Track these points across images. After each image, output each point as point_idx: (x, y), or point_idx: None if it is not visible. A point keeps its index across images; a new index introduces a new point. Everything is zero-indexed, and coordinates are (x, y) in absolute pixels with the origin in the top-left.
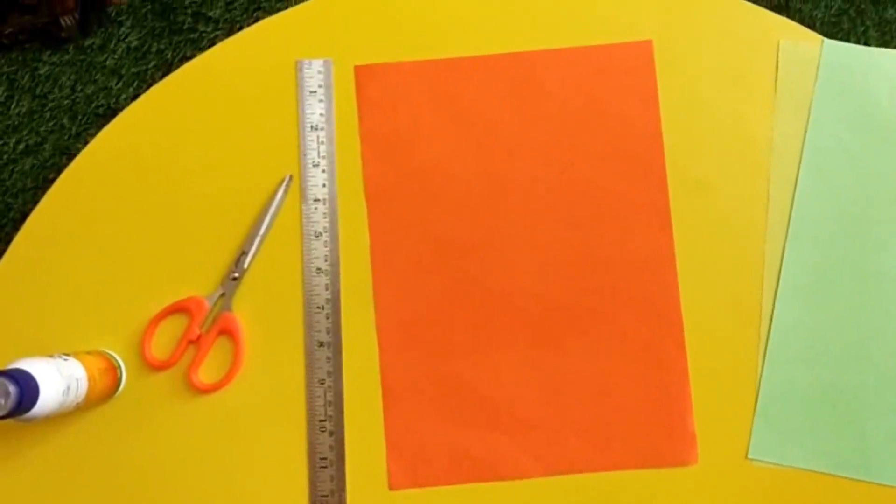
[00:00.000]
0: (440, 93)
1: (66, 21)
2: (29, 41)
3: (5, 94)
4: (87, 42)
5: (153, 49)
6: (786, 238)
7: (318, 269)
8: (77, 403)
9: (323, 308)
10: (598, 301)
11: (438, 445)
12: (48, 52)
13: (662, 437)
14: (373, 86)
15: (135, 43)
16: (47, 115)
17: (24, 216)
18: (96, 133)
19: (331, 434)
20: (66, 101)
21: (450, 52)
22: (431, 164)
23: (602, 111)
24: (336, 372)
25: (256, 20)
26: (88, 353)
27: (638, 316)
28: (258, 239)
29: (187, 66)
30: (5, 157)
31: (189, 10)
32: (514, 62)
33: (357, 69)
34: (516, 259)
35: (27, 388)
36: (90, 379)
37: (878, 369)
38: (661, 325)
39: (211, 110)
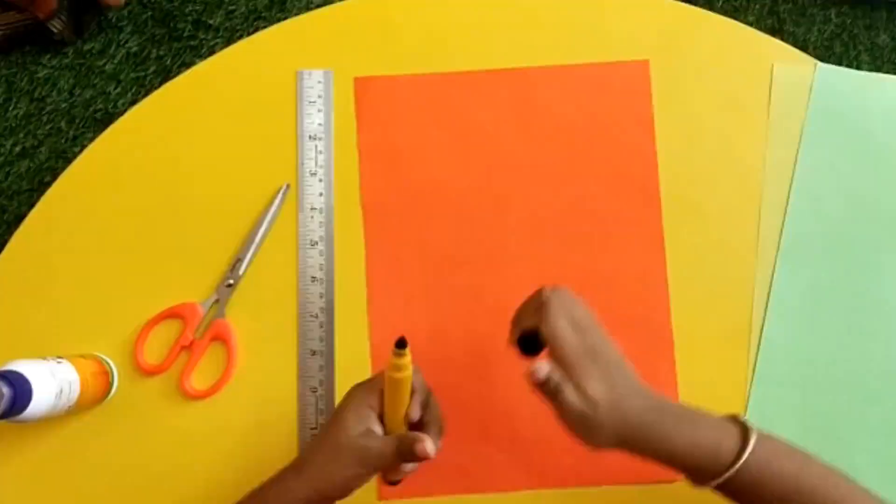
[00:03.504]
0: (437, 106)
1: (54, 25)
2: (28, 43)
3: (3, 96)
4: (87, 46)
5: (153, 55)
6: (776, 260)
7: (313, 277)
8: (69, 406)
9: (317, 317)
10: None
11: None
12: (47, 56)
13: None
14: (371, 98)
15: (134, 49)
16: (45, 118)
17: (19, 219)
18: (93, 137)
19: None
20: (63, 105)
21: (448, 66)
22: (428, 177)
23: (598, 128)
24: (328, 380)
25: (256, 29)
26: (82, 356)
27: (629, 334)
28: (254, 246)
29: (187, 73)
30: (1, 159)
31: (189, 18)
32: (511, 78)
33: (356, 81)
34: (509, 273)
35: (21, 390)
36: (83, 382)
37: (866, 390)
38: (652, 343)
39: (210, 117)
